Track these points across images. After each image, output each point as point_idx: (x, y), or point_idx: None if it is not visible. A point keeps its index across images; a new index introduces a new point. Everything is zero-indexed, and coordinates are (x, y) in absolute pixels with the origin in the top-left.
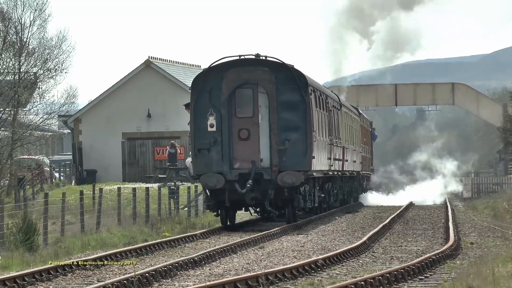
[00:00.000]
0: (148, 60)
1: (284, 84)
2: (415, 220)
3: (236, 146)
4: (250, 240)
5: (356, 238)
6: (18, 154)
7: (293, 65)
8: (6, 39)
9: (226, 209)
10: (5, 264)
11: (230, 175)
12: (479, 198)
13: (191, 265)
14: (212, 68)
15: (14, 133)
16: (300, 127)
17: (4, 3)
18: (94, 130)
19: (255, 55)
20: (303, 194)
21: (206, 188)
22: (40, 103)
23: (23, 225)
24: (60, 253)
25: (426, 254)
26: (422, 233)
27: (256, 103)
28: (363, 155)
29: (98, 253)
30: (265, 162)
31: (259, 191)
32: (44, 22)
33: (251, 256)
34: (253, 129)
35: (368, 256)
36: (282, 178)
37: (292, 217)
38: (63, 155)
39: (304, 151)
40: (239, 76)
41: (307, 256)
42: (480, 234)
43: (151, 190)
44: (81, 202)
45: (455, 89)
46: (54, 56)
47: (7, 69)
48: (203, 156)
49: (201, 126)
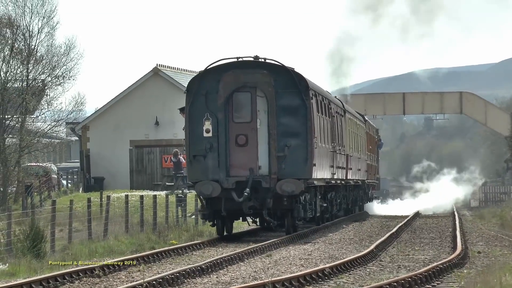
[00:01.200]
0: (156, 68)
1: (284, 87)
2: (422, 229)
3: (233, 153)
4: (257, 248)
5: (364, 246)
6: (25, 161)
7: (293, 68)
8: (14, 46)
9: (222, 218)
10: (12, 271)
11: (227, 183)
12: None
13: (198, 273)
14: (209, 70)
15: (22, 140)
16: (301, 133)
17: (12, 11)
18: (102, 138)
19: (254, 57)
20: (303, 203)
21: (202, 197)
22: (48, 110)
23: (30, 232)
24: (67, 260)
25: (434, 263)
26: (430, 242)
27: (255, 108)
28: (369, 163)
29: (105, 260)
30: (263, 169)
31: (257, 200)
32: (52, 29)
33: (258, 264)
34: (251, 135)
35: (375, 264)
36: (281, 186)
37: (291, 227)
38: (71, 162)
39: (304, 158)
40: (237, 79)
41: (314, 265)
42: (487, 243)
43: (159, 198)
44: (89, 209)
45: (463, 98)
46: (62, 63)
47: (15, 76)
48: (198, 162)
49: (196, 131)
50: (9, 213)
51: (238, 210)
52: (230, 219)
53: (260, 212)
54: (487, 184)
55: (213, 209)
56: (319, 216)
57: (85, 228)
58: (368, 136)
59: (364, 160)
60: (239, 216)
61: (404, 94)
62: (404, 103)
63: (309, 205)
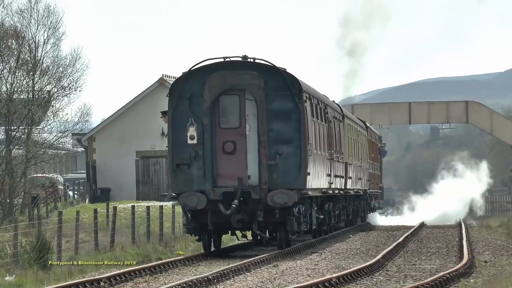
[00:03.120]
0: (162, 79)
1: (275, 90)
2: (429, 238)
3: (220, 161)
4: (264, 258)
5: (370, 256)
6: (32, 172)
7: (285, 69)
8: (20, 57)
9: (209, 233)
10: (19, 282)
11: (213, 194)
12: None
13: (205, 283)
14: (193, 71)
15: (28, 151)
16: (294, 139)
17: (18, 22)
18: (108, 149)
19: (242, 57)
20: (296, 215)
21: (186, 209)
22: (54, 121)
23: (37, 243)
24: (74, 271)
25: (440, 272)
26: (436, 252)
27: (243, 112)
28: (371, 172)
29: (112, 271)
30: (253, 179)
31: (247, 213)
32: (58, 40)
33: (265, 275)
34: (240, 142)
35: (382, 274)
36: (273, 197)
37: (284, 241)
38: (77, 173)
39: (297, 166)
40: (224, 80)
41: (321, 275)
42: (493, 252)
43: (165, 209)
44: (95, 220)
45: (468, 107)
46: (68, 74)
47: (21, 87)
48: (182, 172)
49: (180, 138)
50: (16, 225)
51: (226, 223)
52: (218, 234)
53: (250, 226)
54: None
55: (198, 223)
56: (315, 229)
57: (92, 239)
58: (370, 144)
59: (366, 169)
60: (227, 230)
61: (410, 104)
62: (410, 112)
63: (303, 218)
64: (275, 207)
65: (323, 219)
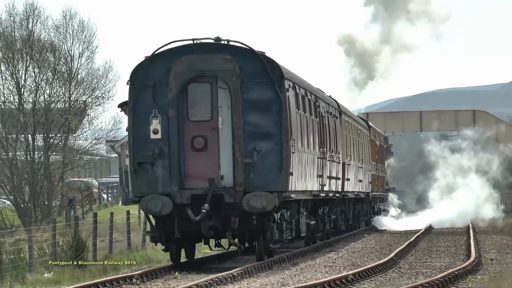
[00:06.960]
0: None
1: (252, 77)
2: (438, 238)
3: (189, 159)
4: (284, 257)
5: (384, 254)
6: (68, 176)
7: (264, 52)
8: (56, 69)
9: (177, 242)
10: (56, 279)
11: (180, 198)
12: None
13: (230, 280)
14: (156, 56)
15: (64, 157)
16: (273, 134)
17: (55, 37)
18: None
19: (214, 39)
20: (278, 222)
21: (149, 215)
22: (89, 129)
23: (73, 243)
24: (108, 268)
25: (449, 269)
26: (445, 250)
27: (215, 103)
28: (374, 174)
29: (143, 269)
30: (226, 180)
31: (219, 219)
32: (92, 53)
33: (286, 272)
34: (211, 137)
35: (395, 271)
36: (249, 201)
37: (264, 252)
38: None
39: (278, 165)
40: (193, 66)
41: (338, 272)
42: (499, 251)
43: None
44: (128, 221)
45: (476, 115)
46: (102, 85)
47: (58, 98)
48: (144, 172)
49: (141, 132)
50: (54, 225)
51: (196, 231)
52: (189, 242)
53: (223, 234)
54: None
55: (164, 231)
56: (307, 236)
57: (125, 239)
58: (373, 144)
59: (368, 170)
60: (198, 239)
61: (421, 112)
62: (421, 120)
63: (287, 224)
64: (252, 213)
65: (315, 225)
